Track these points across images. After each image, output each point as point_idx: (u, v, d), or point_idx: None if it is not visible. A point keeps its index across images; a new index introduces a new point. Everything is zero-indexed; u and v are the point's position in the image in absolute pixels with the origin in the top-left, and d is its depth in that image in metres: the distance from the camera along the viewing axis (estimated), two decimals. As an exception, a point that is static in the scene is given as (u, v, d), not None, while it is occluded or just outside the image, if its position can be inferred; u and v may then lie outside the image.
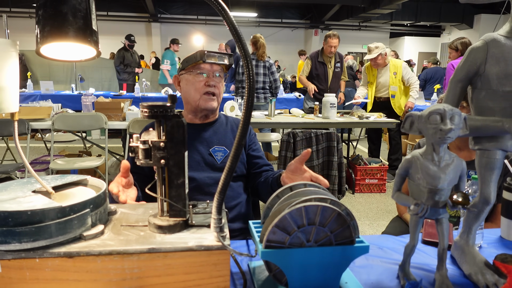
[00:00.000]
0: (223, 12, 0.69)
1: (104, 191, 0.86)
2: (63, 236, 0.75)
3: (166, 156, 0.82)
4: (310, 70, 4.72)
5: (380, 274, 0.97)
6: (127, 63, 6.94)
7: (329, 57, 4.72)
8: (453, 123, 0.81)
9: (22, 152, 0.82)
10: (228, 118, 1.58)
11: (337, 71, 4.81)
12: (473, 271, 0.94)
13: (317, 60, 4.72)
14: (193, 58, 1.39)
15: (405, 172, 0.90)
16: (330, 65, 4.76)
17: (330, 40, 4.56)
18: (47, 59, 0.76)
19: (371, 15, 11.27)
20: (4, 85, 0.71)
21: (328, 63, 4.74)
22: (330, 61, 4.75)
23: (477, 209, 0.95)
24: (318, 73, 4.74)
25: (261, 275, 0.94)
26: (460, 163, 0.87)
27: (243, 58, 0.71)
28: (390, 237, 1.23)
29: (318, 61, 4.72)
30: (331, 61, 4.75)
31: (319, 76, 4.75)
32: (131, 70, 6.98)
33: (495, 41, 0.89)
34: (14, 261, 0.72)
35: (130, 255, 0.75)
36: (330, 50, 4.62)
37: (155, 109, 0.80)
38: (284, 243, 0.83)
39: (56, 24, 0.71)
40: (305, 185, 0.96)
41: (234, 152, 0.73)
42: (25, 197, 0.80)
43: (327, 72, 4.75)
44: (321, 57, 4.72)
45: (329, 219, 0.82)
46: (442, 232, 0.89)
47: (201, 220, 0.87)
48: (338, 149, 3.03)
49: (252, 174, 1.52)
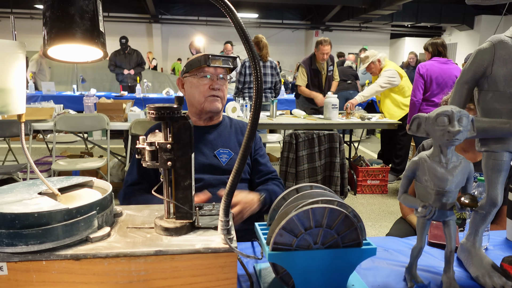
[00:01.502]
0: (230, 13, 0.69)
1: (110, 193, 0.86)
2: (69, 238, 0.75)
3: (173, 158, 0.82)
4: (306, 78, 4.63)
5: (387, 276, 0.97)
6: (119, 65, 6.93)
7: (321, 63, 4.59)
8: (461, 125, 0.81)
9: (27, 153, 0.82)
10: (232, 121, 1.58)
11: (330, 75, 4.72)
12: (481, 274, 0.93)
13: (311, 68, 4.60)
14: (197, 61, 1.39)
15: (412, 174, 0.89)
16: (324, 71, 4.64)
17: (322, 47, 4.39)
18: (54, 60, 0.76)
19: (371, 16, 11.26)
20: (11, 86, 0.71)
21: (321, 70, 4.62)
22: (323, 67, 4.62)
23: (484, 211, 0.95)
24: (313, 81, 4.63)
25: (268, 277, 0.94)
26: (467, 165, 0.87)
27: (250, 60, 0.70)
28: (395, 239, 1.22)
29: (312, 68, 4.59)
30: (324, 67, 4.63)
31: (314, 84, 4.64)
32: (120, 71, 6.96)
33: (502, 42, 0.89)
34: (20, 264, 0.72)
35: (137, 257, 0.75)
36: (323, 57, 4.46)
37: (162, 111, 0.79)
38: (291, 246, 0.82)
39: (63, 25, 0.71)
40: (311, 187, 0.96)
41: (242, 154, 0.72)
42: (32, 199, 0.80)
43: (321, 79, 4.64)
44: (314, 65, 4.59)
45: (337, 221, 0.82)
46: (450, 234, 0.89)
47: (207, 222, 0.87)
48: (341, 150, 3.03)
49: (255, 182, 1.53)
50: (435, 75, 3.72)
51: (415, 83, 3.78)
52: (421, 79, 3.73)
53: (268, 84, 4.55)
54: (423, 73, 3.73)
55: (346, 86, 6.30)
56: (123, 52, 6.93)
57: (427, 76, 3.72)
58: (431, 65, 3.76)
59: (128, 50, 6.97)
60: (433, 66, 3.75)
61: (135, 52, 7.07)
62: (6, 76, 0.71)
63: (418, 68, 3.83)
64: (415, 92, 3.79)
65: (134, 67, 7.02)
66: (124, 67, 6.96)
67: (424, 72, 3.74)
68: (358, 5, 10.46)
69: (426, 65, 3.77)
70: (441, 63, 3.76)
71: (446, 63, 3.76)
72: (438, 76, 3.72)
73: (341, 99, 5.41)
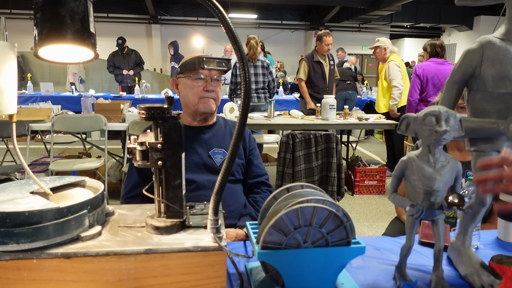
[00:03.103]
0: (219, 14, 0.70)
1: (102, 192, 0.87)
2: (60, 237, 0.76)
3: (163, 157, 0.83)
4: (309, 72, 4.72)
5: (377, 275, 0.97)
6: (117, 66, 6.92)
7: (323, 56, 4.74)
8: (448, 124, 0.82)
9: (21, 153, 0.83)
10: (227, 121, 1.59)
11: (332, 69, 4.84)
12: (469, 272, 0.94)
13: (313, 61, 4.71)
14: (192, 64, 1.39)
15: (401, 173, 0.90)
16: (326, 63, 4.77)
17: (326, 38, 4.57)
18: (45, 61, 0.77)
19: (371, 16, 11.28)
20: (2, 87, 0.72)
21: (323, 62, 4.75)
22: (324, 59, 4.77)
23: (473, 210, 0.96)
24: (317, 73, 4.74)
25: (258, 276, 0.95)
26: (455, 164, 0.88)
27: (239, 60, 0.71)
28: (388, 238, 1.23)
29: (314, 61, 4.71)
30: (325, 59, 4.77)
31: (318, 76, 4.75)
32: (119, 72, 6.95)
33: (490, 43, 0.90)
34: (11, 262, 0.73)
35: (127, 255, 0.75)
36: (327, 48, 4.62)
37: (152, 111, 0.80)
38: (280, 244, 0.83)
39: (54, 26, 0.72)
40: (302, 186, 0.97)
41: (231, 154, 0.73)
42: (23, 198, 0.81)
43: (324, 70, 4.76)
44: (317, 57, 4.71)
45: (325, 220, 0.83)
46: (438, 233, 0.89)
47: (198, 221, 0.88)
48: (337, 150, 3.03)
49: (247, 183, 1.54)
50: (431, 76, 3.79)
51: (412, 83, 3.86)
52: (418, 79, 3.81)
53: (260, 84, 4.56)
54: (420, 74, 3.82)
55: (345, 86, 6.34)
56: (121, 53, 6.93)
57: (423, 77, 3.80)
58: (427, 65, 3.85)
59: (126, 51, 6.96)
60: (429, 66, 3.84)
61: (133, 52, 7.07)
62: (-3, 77, 0.72)
63: (415, 68, 3.92)
64: (412, 92, 3.87)
65: (133, 67, 7.01)
66: (123, 68, 6.94)
67: (421, 72, 3.82)
68: (357, 6, 10.47)
69: (422, 66, 3.84)
70: (437, 63, 3.83)
71: (442, 64, 3.83)
72: (434, 77, 3.79)
73: (340, 99, 5.43)
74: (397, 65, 4.27)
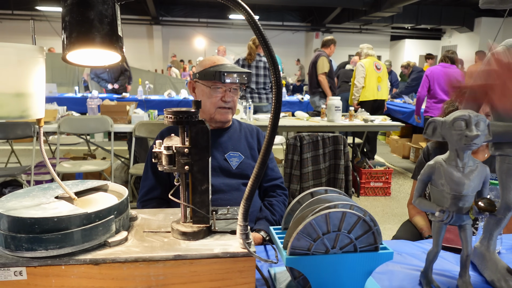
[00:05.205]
0: (251, 20, 0.69)
1: (127, 197, 0.86)
2: (88, 243, 0.75)
3: (190, 162, 0.82)
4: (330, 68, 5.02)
5: (402, 280, 0.96)
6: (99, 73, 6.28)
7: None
8: (479, 129, 0.81)
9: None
10: (242, 124, 1.57)
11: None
12: (496, 278, 0.93)
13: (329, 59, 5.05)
14: (211, 75, 1.35)
15: (428, 178, 0.89)
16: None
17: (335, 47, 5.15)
18: (73, 65, 0.76)
19: (372, 18, 11.28)
20: (32, 91, 0.71)
21: None
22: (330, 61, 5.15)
23: (499, 215, 0.95)
24: (331, 71, 5.08)
25: (283, 281, 0.94)
26: (484, 169, 0.87)
27: (270, 65, 0.71)
28: (407, 242, 1.22)
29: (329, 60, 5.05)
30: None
31: (331, 74, 5.08)
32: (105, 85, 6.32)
33: None
34: (40, 268, 0.72)
35: (156, 262, 0.75)
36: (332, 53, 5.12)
37: (181, 115, 0.79)
38: (308, 250, 0.82)
39: (83, 30, 0.71)
40: (326, 190, 0.96)
41: (262, 159, 0.72)
42: (49, 203, 0.80)
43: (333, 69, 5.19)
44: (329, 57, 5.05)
45: (354, 225, 0.82)
46: (466, 239, 0.88)
47: (223, 226, 0.87)
48: (345, 152, 3.02)
49: (262, 186, 1.53)
50: (437, 77, 4.62)
51: (422, 82, 4.72)
52: (427, 79, 4.67)
53: (260, 84, 4.61)
54: (428, 75, 4.68)
55: (347, 87, 6.36)
56: None
57: (431, 77, 4.65)
58: (435, 68, 4.71)
59: None
60: (437, 69, 4.68)
61: None
62: (26, 81, 0.71)
63: (426, 71, 4.83)
64: (420, 89, 4.75)
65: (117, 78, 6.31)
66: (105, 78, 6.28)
67: (429, 74, 4.68)
68: (359, 7, 10.48)
69: (432, 69, 4.75)
70: (444, 67, 4.62)
71: (448, 67, 4.58)
72: (440, 78, 4.60)
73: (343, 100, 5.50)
74: (362, 65, 5.04)
